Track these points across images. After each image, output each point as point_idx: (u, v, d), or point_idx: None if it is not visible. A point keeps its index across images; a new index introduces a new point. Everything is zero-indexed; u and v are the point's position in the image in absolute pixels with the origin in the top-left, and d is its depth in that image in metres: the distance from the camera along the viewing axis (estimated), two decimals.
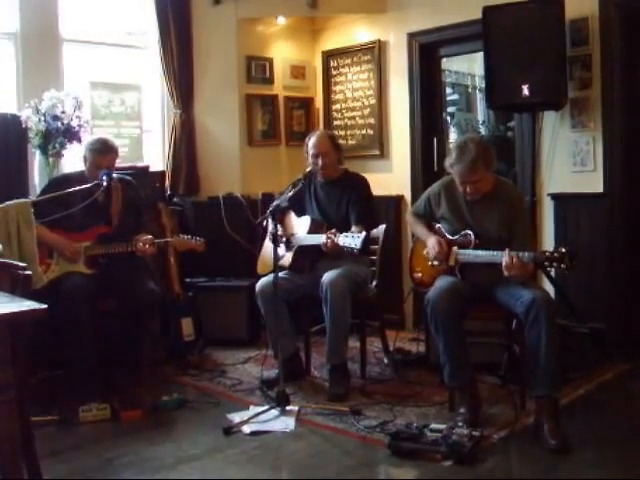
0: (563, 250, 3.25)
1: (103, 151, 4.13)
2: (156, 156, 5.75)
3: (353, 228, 4.09)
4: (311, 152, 4.28)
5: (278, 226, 3.95)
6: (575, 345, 4.25)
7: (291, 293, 4.18)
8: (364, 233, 3.70)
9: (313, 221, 4.26)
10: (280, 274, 4.00)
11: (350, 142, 5.92)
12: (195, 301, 4.94)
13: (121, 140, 4.86)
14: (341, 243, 3.74)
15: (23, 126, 4.52)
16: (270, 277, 4.06)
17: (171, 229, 4.80)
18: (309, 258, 4.23)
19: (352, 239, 3.69)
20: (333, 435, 3.44)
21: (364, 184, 4.35)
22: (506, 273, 3.36)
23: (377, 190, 4.54)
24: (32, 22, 4.90)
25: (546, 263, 3.32)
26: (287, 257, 4.29)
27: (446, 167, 3.69)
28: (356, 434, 3.41)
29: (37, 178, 4.67)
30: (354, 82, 5.95)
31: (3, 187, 4.31)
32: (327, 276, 3.99)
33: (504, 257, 3.37)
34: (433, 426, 3.25)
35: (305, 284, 4.20)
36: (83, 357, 3.84)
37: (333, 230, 3.86)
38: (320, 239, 3.93)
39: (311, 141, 4.31)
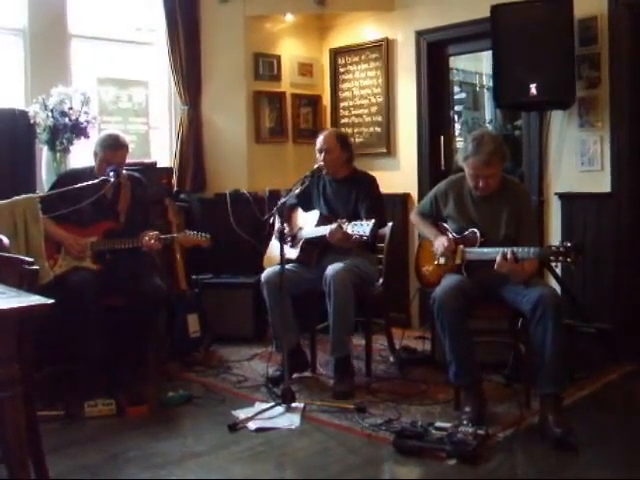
0: (569, 244, 3.27)
1: (114, 147, 4.13)
2: (163, 152, 5.76)
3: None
4: (317, 147, 4.34)
5: (284, 224, 3.95)
6: (581, 345, 4.25)
7: (297, 286, 4.15)
8: (373, 220, 3.66)
9: (322, 215, 4.27)
10: (287, 266, 4.00)
11: (357, 140, 5.91)
12: (201, 297, 4.94)
13: (128, 136, 4.84)
14: (350, 231, 3.72)
15: (31, 122, 4.52)
16: (277, 267, 4.04)
17: (178, 225, 4.80)
18: (316, 251, 4.23)
19: (361, 227, 3.66)
20: (338, 432, 3.44)
21: (372, 182, 4.36)
22: (496, 268, 3.39)
23: (384, 188, 4.52)
24: (40, 18, 4.91)
25: (552, 257, 3.32)
26: (294, 251, 4.29)
27: (459, 161, 3.69)
28: (361, 432, 3.41)
29: (44, 174, 4.68)
30: (362, 80, 5.95)
31: (11, 182, 4.31)
32: (331, 268, 3.99)
33: (498, 255, 3.38)
34: (438, 424, 3.25)
35: (311, 278, 4.19)
36: (89, 353, 3.85)
37: (344, 219, 3.85)
38: (326, 229, 3.94)
39: (319, 137, 4.37)
